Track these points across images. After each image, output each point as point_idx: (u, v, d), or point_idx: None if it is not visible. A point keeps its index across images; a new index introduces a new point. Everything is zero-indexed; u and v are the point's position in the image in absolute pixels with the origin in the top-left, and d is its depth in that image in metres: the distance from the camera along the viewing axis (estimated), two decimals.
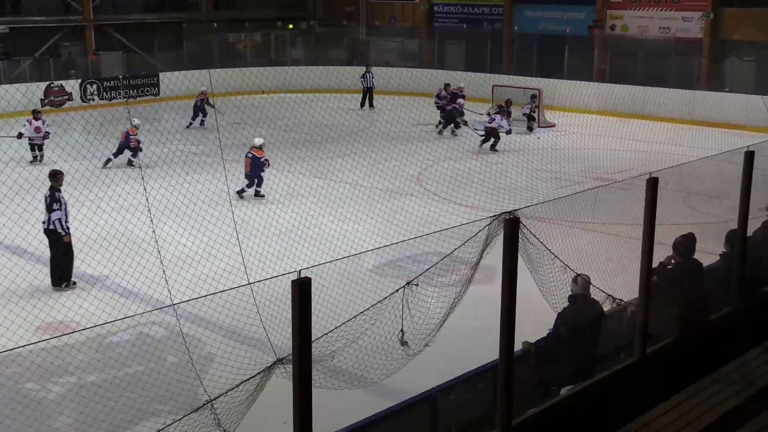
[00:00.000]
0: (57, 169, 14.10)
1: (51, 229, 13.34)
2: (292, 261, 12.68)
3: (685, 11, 31.92)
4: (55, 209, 13.31)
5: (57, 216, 13.29)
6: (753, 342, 8.61)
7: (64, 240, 13.34)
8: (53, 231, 13.33)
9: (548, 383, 7.76)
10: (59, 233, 13.29)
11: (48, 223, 13.36)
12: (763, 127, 23.06)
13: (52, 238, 13.40)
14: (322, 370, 6.23)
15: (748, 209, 9.13)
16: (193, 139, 21.43)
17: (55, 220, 13.29)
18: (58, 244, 13.36)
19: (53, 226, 13.31)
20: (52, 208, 13.32)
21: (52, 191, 13.54)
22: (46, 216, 13.37)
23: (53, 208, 13.32)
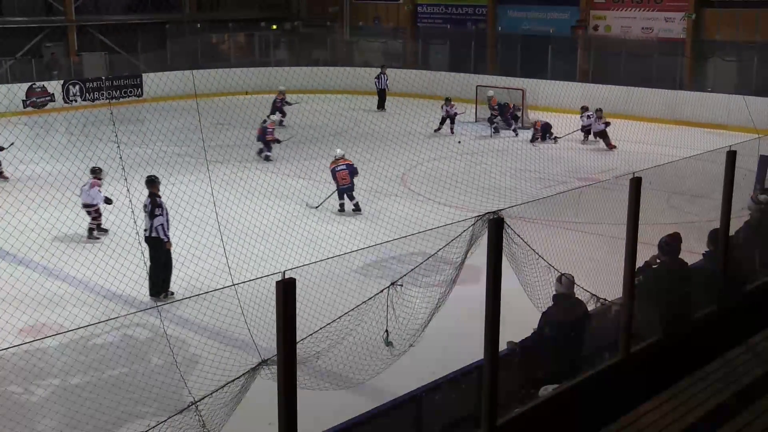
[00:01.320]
0: (154, 175, 13.78)
1: (153, 236, 13.00)
2: (276, 262, 12.65)
3: (668, 12, 32.09)
4: (158, 215, 13.04)
5: (159, 222, 13.00)
6: (735, 341, 8.66)
7: (166, 247, 13.06)
8: (156, 238, 13.01)
9: (533, 383, 7.78)
10: (162, 240, 13.00)
11: (150, 230, 13.05)
12: (744, 127, 23.14)
13: (154, 246, 13.04)
14: (307, 371, 6.23)
15: (731, 209, 9.18)
16: (176, 140, 21.32)
17: (157, 227, 13.00)
18: (159, 252, 13.04)
19: (156, 233, 13.01)
20: (155, 214, 13.03)
21: (153, 197, 13.23)
22: (148, 222, 13.06)
23: (156, 213, 13.04)
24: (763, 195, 11.28)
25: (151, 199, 13.27)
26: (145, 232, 13.16)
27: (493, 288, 6.54)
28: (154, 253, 13.04)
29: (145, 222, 13.19)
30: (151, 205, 13.18)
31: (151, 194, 13.38)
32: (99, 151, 15.91)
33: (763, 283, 10.06)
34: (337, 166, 18.07)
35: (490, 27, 36.79)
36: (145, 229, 13.18)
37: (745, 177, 12.73)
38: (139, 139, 19.17)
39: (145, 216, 13.28)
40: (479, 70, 35.31)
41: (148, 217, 13.14)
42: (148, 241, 13.10)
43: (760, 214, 10.70)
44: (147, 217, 13.18)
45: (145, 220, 13.21)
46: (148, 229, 13.13)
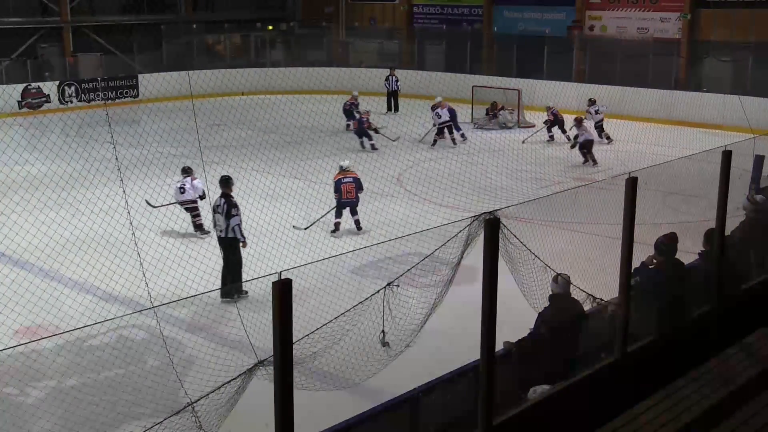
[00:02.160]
0: (228, 175, 13.73)
1: (230, 236, 12.95)
2: (272, 262, 12.65)
3: (663, 12, 32.14)
4: (234, 215, 13.01)
5: (236, 222, 12.96)
6: (731, 340, 8.68)
7: (242, 247, 13.01)
8: (232, 238, 12.97)
9: (529, 383, 7.78)
10: (237, 240, 12.97)
11: (227, 230, 13.00)
12: (740, 127, 23.20)
13: (230, 246, 12.99)
14: (303, 372, 6.22)
15: (726, 208, 9.20)
16: (172, 141, 21.30)
17: (234, 227, 12.96)
18: (235, 253, 12.98)
19: (233, 233, 12.97)
20: (231, 215, 12.98)
21: (228, 198, 13.20)
22: (224, 223, 13.01)
23: (232, 214, 12.99)
24: (759, 195, 11.30)
25: (226, 200, 13.23)
26: (221, 233, 13.12)
27: (489, 288, 6.55)
28: (228, 254, 13.00)
29: (220, 222, 13.13)
30: (227, 206, 13.13)
31: (224, 194, 13.34)
32: (95, 152, 15.90)
33: (758, 283, 10.08)
34: (344, 177, 16.90)
35: (486, 27, 36.81)
36: (220, 230, 13.14)
37: (741, 177, 12.75)
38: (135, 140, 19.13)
39: (217, 216, 13.24)
40: (475, 71, 35.33)
41: (224, 217, 13.07)
42: (223, 242, 13.07)
43: (756, 214, 10.73)
44: (222, 217, 13.11)
45: (220, 220, 13.14)
46: (224, 229, 13.07)
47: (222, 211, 13.16)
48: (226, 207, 13.11)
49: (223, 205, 13.17)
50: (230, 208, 13.07)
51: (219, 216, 13.21)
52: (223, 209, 13.15)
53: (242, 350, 8.25)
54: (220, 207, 13.21)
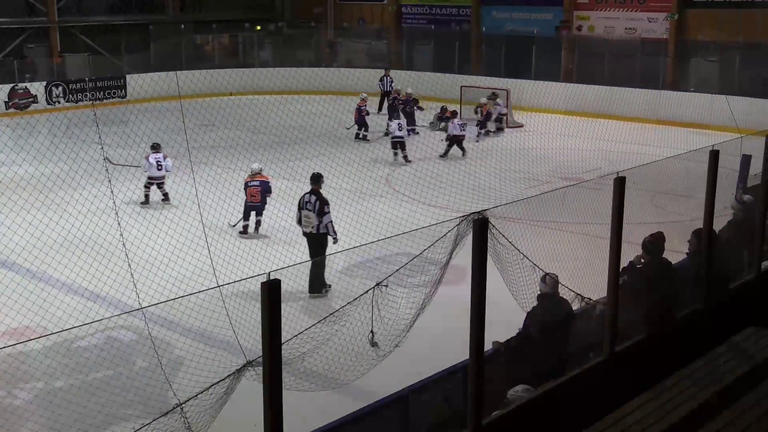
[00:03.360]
0: (319, 173, 13.86)
1: (322, 233, 13.08)
2: (261, 263, 12.63)
3: (651, 12, 32.25)
4: (327, 212, 13.14)
5: (329, 219, 13.08)
6: (719, 339, 8.71)
7: (334, 243, 13.08)
8: (323, 234, 13.09)
9: (519, 382, 7.79)
10: (330, 237, 13.07)
11: (319, 227, 13.10)
12: (727, 127, 23.27)
13: (319, 242, 13.12)
14: (292, 372, 6.21)
15: (714, 208, 9.24)
16: (161, 141, 21.24)
17: (327, 224, 13.07)
18: (324, 249, 13.11)
19: (325, 230, 13.09)
20: (324, 212, 13.11)
21: (318, 194, 13.33)
22: (316, 220, 13.12)
23: (325, 211, 13.12)
24: (746, 195, 11.35)
25: (317, 197, 13.33)
26: (312, 229, 13.20)
27: (478, 288, 6.56)
28: (316, 250, 13.11)
29: (311, 219, 13.21)
30: (319, 203, 13.23)
31: (314, 191, 13.44)
32: (83, 153, 15.83)
33: (746, 282, 10.12)
34: (251, 181, 16.82)
35: (474, 27, 36.87)
36: (312, 227, 13.21)
37: (728, 176, 12.81)
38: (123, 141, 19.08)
39: (306, 213, 13.31)
40: (464, 71, 35.39)
41: (317, 214, 13.15)
42: (312, 238, 13.17)
43: (743, 213, 10.78)
44: (314, 214, 13.19)
45: (311, 217, 13.22)
46: (315, 226, 13.15)
47: (313, 208, 13.25)
48: (318, 204, 13.23)
49: (314, 202, 13.28)
50: (323, 205, 13.21)
51: (309, 212, 13.29)
52: (314, 206, 13.25)
53: (231, 351, 8.24)
54: (311, 204, 13.30)
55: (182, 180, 17.93)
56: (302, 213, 13.43)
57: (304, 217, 13.35)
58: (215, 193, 16.09)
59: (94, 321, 10.27)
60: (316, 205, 13.21)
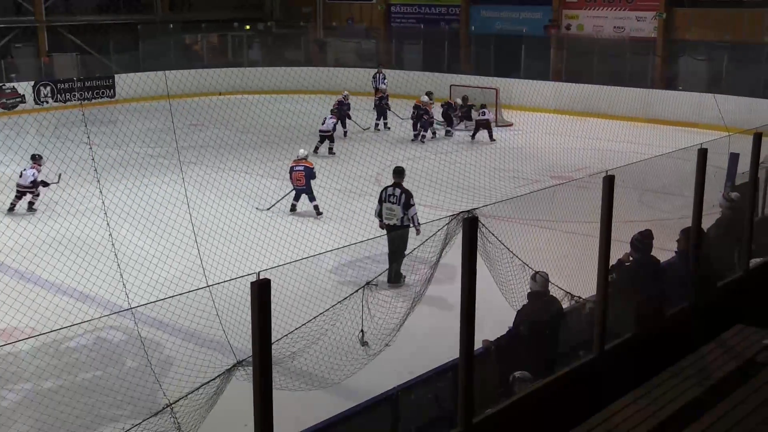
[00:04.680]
0: (402, 166, 14.17)
1: (405, 225, 13.22)
2: (250, 263, 12.61)
3: (639, 11, 32.34)
4: (412, 204, 13.34)
5: (414, 211, 13.28)
6: (707, 337, 8.74)
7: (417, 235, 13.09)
8: (406, 227, 13.22)
9: (508, 382, 7.81)
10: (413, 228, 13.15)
11: (403, 219, 13.28)
12: (715, 125, 23.39)
13: (401, 234, 13.18)
14: (282, 372, 6.21)
15: (702, 206, 9.27)
16: (150, 141, 21.21)
17: (413, 216, 13.25)
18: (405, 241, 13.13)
19: (408, 222, 13.25)
20: (410, 204, 13.32)
21: (402, 187, 13.54)
22: (401, 212, 13.34)
23: (411, 203, 13.34)
24: (734, 192, 11.39)
25: (402, 190, 13.55)
26: (396, 221, 13.35)
27: (468, 287, 6.57)
28: (399, 242, 13.19)
29: (396, 211, 13.39)
30: (405, 195, 13.45)
31: (398, 184, 13.65)
32: (71, 153, 15.78)
33: (734, 280, 10.17)
34: (296, 165, 17.83)
35: (463, 27, 36.91)
36: (396, 219, 13.38)
37: (716, 174, 12.85)
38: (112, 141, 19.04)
39: (389, 205, 13.49)
40: (453, 70, 35.44)
41: (402, 207, 13.36)
42: (394, 230, 13.27)
43: (731, 211, 10.82)
44: (399, 207, 13.40)
45: (396, 209, 13.41)
46: (400, 218, 13.34)
47: (398, 201, 13.46)
48: (404, 197, 13.44)
49: (399, 195, 13.48)
50: (408, 197, 13.43)
51: (393, 205, 13.49)
52: (399, 199, 13.46)
53: (221, 351, 8.24)
54: (395, 197, 13.50)
55: (171, 180, 17.90)
56: (384, 206, 13.63)
57: (387, 209, 13.55)
58: (204, 193, 16.07)
59: (84, 321, 10.24)
60: (402, 198, 13.48)
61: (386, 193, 13.73)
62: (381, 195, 13.83)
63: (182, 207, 14.84)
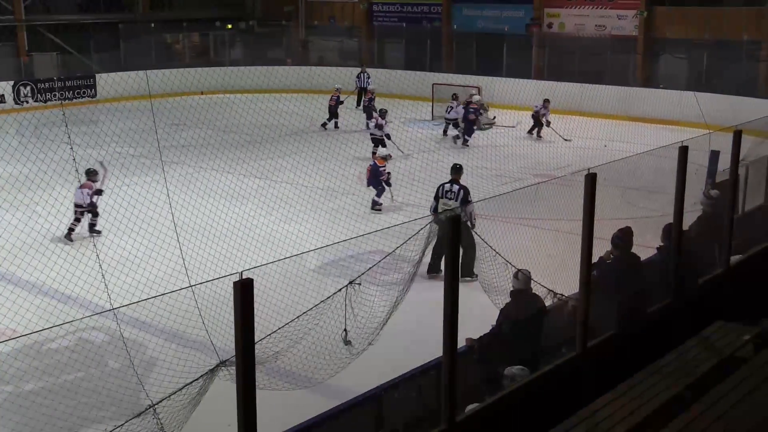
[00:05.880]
0: (460, 163, 14.49)
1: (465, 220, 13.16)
2: (233, 262, 12.58)
3: (620, 9, 32.48)
4: (470, 201, 13.48)
5: (472, 208, 13.16)
6: (688, 333, 8.79)
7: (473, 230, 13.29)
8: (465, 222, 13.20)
9: (491, 379, 7.83)
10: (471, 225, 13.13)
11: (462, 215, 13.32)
12: (696, 123, 23.52)
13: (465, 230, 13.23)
14: (266, 372, 6.20)
15: (684, 203, 9.32)
16: (131, 141, 21.10)
17: (471, 212, 13.09)
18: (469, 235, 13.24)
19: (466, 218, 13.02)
20: (468, 200, 13.51)
21: (460, 184, 13.80)
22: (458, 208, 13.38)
23: (469, 200, 13.53)
24: (713, 190, 11.47)
25: (460, 187, 13.79)
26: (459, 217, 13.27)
27: (450, 285, 6.57)
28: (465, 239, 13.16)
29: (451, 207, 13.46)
30: (463, 192, 13.69)
31: (456, 181, 13.90)
32: (51, 153, 15.69)
33: (715, 276, 10.23)
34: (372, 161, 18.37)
35: (446, 25, 36.94)
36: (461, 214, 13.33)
37: (697, 172, 12.93)
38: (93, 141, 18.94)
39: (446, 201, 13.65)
40: (435, 68, 35.50)
41: (460, 203, 13.50)
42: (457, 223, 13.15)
43: (712, 208, 10.89)
44: (457, 203, 13.54)
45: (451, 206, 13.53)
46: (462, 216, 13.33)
47: (455, 197, 13.69)
48: (462, 193, 13.69)
49: (457, 191, 13.75)
50: (466, 194, 13.66)
51: (449, 201, 13.69)
52: (456, 195, 13.71)
53: (204, 351, 8.21)
54: (452, 193, 13.79)
55: (153, 180, 17.82)
56: (441, 201, 13.75)
57: (444, 205, 13.67)
58: (187, 193, 16.02)
59: (65, 322, 10.17)
60: (460, 194, 13.70)
61: (443, 189, 13.94)
62: (437, 191, 14.02)
63: (164, 207, 14.81)
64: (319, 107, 29.57)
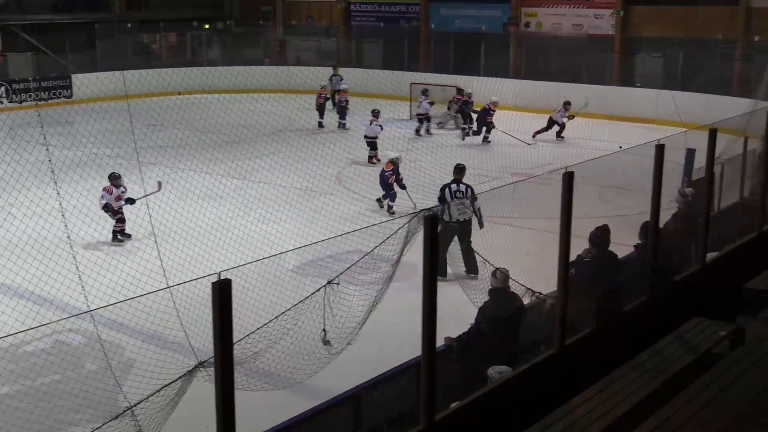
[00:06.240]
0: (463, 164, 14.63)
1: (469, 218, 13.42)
2: (211, 263, 12.54)
3: (597, 9, 32.67)
4: (476, 198, 13.61)
5: (479, 205, 13.46)
6: (665, 330, 8.86)
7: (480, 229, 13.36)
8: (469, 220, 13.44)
9: (471, 378, 7.85)
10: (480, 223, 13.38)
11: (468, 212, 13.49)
12: (672, 121, 23.70)
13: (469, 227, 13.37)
14: (244, 372, 6.19)
15: (660, 201, 9.38)
16: (108, 142, 20.97)
17: (478, 209, 13.41)
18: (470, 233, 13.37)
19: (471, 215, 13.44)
20: (475, 197, 13.65)
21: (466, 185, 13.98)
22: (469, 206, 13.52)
23: (476, 197, 13.67)
24: (688, 188, 11.55)
25: (467, 186, 13.98)
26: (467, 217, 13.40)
27: (429, 284, 6.58)
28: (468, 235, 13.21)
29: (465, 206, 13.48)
30: (471, 190, 13.91)
31: (459, 180, 14.03)
32: (27, 154, 15.58)
33: (690, 274, 10.30)
34: None
35: (423, 25, 36.99)
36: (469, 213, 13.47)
37: (674, 170, 13.01)
38: (69, 142, 18.81)
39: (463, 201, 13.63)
40: (413, 68, 35.54)
41: (471, 201, 13.57)
42: (466, 224, 13.30)
43: (686, 206, 10.96)
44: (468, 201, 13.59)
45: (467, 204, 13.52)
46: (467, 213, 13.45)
47: (464, 195, 13.78)
48: (470, 191, 13.84)
49: (465, 190, 13.90)
50: (473, 191, 13.81)
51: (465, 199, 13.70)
52: (465, 194, 13.80)
53: (182, 352, 8.18)
54: (461, 192, 13.87)
55: (130, 181, 17.73)
56: (454, 203, 13.70)
57: (460, 204, 13.62)
58: (164, 194, 15.94)
59: (41, 325, 10.09)
60: (468, 193, 13.81)
61: (450, 190, 13.97)
62: (443, 193, 14.00)
63: (142, 207, 14.74)
64: (297, 107, 29.51)
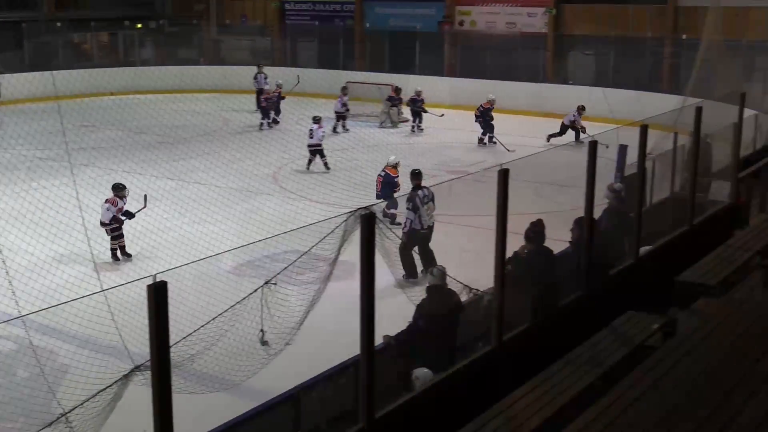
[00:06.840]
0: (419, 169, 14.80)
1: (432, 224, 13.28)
2: (147, 265, 12.38)
3: (530, 7, 33.07)
4: None
5: None
6: (600, 324, 9.00)
7: None
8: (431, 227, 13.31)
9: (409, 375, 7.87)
10: None
11: None
12: (604, 118, 24.10)
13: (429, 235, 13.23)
14: (182, 375, 6.13)
15: (594, 197, 9.53)
16: (38, 143, 20.55)
17: None
18: None
19: None
20: None
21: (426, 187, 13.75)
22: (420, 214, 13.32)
23: None
24: (617, 183, 11.76)
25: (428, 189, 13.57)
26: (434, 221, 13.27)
27: (366, 283, 6.58)
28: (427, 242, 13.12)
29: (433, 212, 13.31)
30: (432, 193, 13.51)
31: (422, 186, 13.78)
32: None
33: (624, 268, 10.48)
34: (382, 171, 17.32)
35: (358, 23, 37.02)
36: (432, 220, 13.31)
37: (607, 166, 13.23)
38: None
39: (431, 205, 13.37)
40: (348, 67, 35.56)
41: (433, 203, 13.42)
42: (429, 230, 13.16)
43: (617, 202, 11.16)
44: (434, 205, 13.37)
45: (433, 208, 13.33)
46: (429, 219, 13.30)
47: (431, 199, 13.45)
48: (432, 194, 13.50)
49: (430, 194, 13.49)
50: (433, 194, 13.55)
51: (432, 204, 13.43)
52: (431, 197, 13.44)
53: (118, 356, 8.06)
54: (428, 197, 13.43)
55: (62, 183, 17.38)
56: (424, 209, 13.42)
57: (429, 209, 13.44)
58: (97, 196, 15.67)
59: None
60: (431, 196, 13.53)
61: (419, 196, 13.54)
62: (415, 201, 13.41)
63: (74, 210, 14.47)
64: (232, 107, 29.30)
